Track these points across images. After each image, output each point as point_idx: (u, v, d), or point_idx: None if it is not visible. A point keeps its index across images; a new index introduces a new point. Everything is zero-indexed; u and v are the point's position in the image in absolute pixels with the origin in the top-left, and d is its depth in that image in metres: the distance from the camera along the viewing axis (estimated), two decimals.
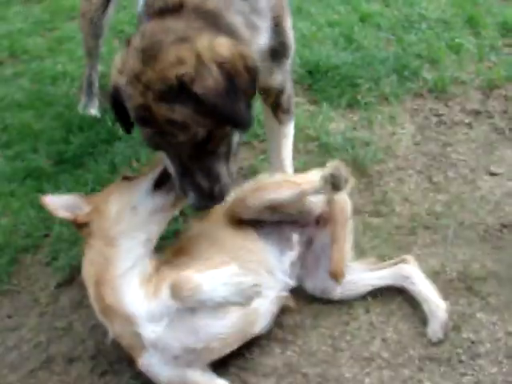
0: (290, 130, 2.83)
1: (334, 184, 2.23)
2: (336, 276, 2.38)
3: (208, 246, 2.30)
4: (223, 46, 1.89)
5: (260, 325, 2.27)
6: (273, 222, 2.44)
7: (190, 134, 1.93)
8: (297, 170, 2.82)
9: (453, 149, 3.24)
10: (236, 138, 2.11)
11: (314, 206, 2.49)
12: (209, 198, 2.09)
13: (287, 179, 2.51)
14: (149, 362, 2.10)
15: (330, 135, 3.26)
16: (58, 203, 2.19)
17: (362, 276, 2.50)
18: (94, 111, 3.60)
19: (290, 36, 2.37)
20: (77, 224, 2.20)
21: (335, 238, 2.45)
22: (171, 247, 2.38)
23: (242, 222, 2.41)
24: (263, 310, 2.26)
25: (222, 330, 2.13)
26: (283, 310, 2.46)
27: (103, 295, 2.09)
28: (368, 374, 2.26)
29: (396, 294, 2.52)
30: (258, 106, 2.85)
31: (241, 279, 1.99)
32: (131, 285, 2.09)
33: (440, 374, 2.25)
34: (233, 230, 2.39)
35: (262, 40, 2.19)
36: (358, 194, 2.97)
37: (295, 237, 2.47)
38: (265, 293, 2.18)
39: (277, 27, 2.26)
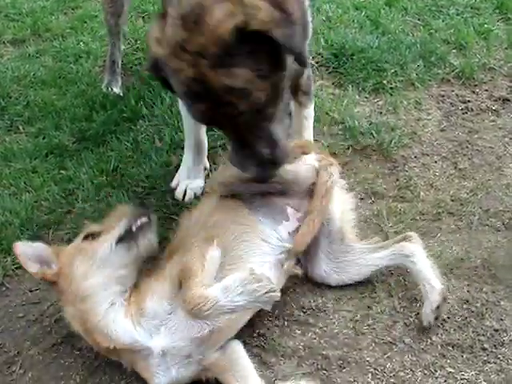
0: (310, 111, 2.81)
1: None
2: (295, 246, 2.31)
3: (198, 231, 2.27)
4: None
5: None
6: (263, 195, 2.37)
7: (251, 101, 1.83)
8: None
9: (479, 136, 3.19)
10: (288, 95, 2.05)
11: (300, 176, 2.41)
12: (272, 165, 2.03)
13: None
14: (164, 380, 2.08)
15: (355, 119, 3.22)
16: (30, 252, 2.15)
17: (364, 257, 2.45)
18: (116, 89, 3.58)
19: (308, 15, 2.17)
20: (45, 280, 2.18)
21: (309, 210, 2.36)
22: (169, 245, 2.36)
23: (232, 201, 2.38)
24: None
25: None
26: (304, 293, 2.45)
27: (98, 341, 2.09)
28: (389, 358, 2.25)
29: None
30: None
31: (254, 286, 1.93)
32: (116, 320, 2.07)
33: (462, 360, 2.23)
34: (223, 210, 2.35)
35: None
36: (383, 178, 2.94)
37: (290, 209, 2.39)
38: (261, 259, 2.22)
39: None
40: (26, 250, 2.15)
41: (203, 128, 2.79)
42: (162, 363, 2.07)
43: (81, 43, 4.08)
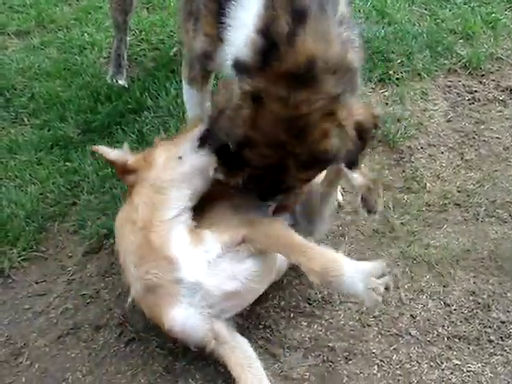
0: None
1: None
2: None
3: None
4: (360, 112, 1.99)
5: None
6: None
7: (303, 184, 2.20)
8: None
9: (486, 126, 3.17)
10: None
11: None
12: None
13: None
14: (183, 313, 2.07)
15: None
16: (108, 151, 2.29)
17: None
18: (121, 81, 3.56)
19: None
20: (123, 171, 2.25)
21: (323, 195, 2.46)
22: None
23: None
24: None
25: (255, 268, 2.14)
26: (310, 285, 2.45)
27: (150, 239, 2.10)
28: (396, 350, 2.25)
29: (425, 271, 2.49)
30: None
31: (377, 283, 1.97)
32: (179, 230, 2.13)
33: (468, 352, 2.24)
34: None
35: None
36: (389, 169, 2.94)
37: None
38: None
39: None
40: (105, 149, 2.32)
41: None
42: (188, 295, 2.07)
43: (85, 34, 4.05)
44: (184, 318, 2.08)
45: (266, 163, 2.03)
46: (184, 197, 2.20)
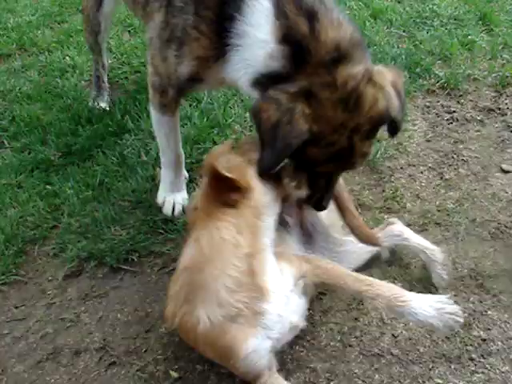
0: None
1: None
2: (370, 240, 2.47)
3: None
4: (386, 72, 2.17)
5: None
6: None
7: (365, 162, 2.36)
8: None
9: (464, 146, 3.21)
10: None
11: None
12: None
13: None
14: (260, 345, 2.03)
15: None
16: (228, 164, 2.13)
17: (358, 245, 2.51)
18: (103, 104, 3.58)
19: None
20: (230, 186, 2.10)
21: (347, 212, 2.49)
22: None
23: None
24: None
25: (307, 303, 2.20)
26: None
27: (253, 268, 2.03)
28: (377, 370, 2.24)
29: (407, 290, 2.49)
30: None
31: (445, 306, 2.07)
32: (272, 261, 2.11)
33: (450, 371, 2.23)
34: None
35: None
36: (369, 190, 2.95)
37: (288, 218, 2.42)
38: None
39: None
40: (224, 162, 2.11)
41: (180, 143, 2.78)
42: (268, 328, 2.04)
43: (67, 57, 4.08)
44: (259, 349, 2.03)
45: (334, 151, 2.12)
46: (272, 225, 2.17)
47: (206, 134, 3.23)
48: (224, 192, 2.09)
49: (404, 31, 4.08)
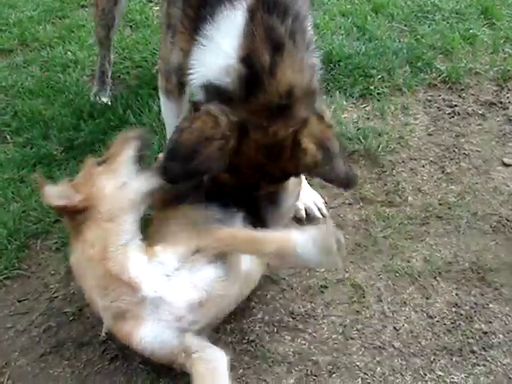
0: None
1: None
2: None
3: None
4: (315, 127, 2.06)
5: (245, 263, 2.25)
6: None
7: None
8: None
9: (466, 140, 3.22)
10: None
11: None
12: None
13: None
14: (151, 330, 2.05)
15: (343, 125, 3.23)
16: (55, 193, 2.18)
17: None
18: (105, 99, 3.57)
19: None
20: (71, 212, 2.17)
21: None
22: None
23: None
24: None
25: (216, 274, 2.13)
26: (293, 299, 2.45)
27: (108, 268, 2.08)
28: (379, 362, 2.25)
29: (408, 284, 2.51)
30: None
31: (328, 243, 2.01)
32: (133, 253, 2.12)
33: (452, 364, 2.24)
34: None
35: None
36: (371, 183, 2.95)
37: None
38: None
39: None
40: (52, 191, 2.18)
41: None
42: (152, 312, 2.05)
43: (68, 52, 4.07)
44: (152, 334, 2.05)
45: (242, 183, 2.15)
46: (135, 220, 2.18)
47: None
48: (73, 216, 2.18)
49: (405, 25, 4.07)
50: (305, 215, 2.74)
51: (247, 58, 1.97)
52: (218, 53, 2.04)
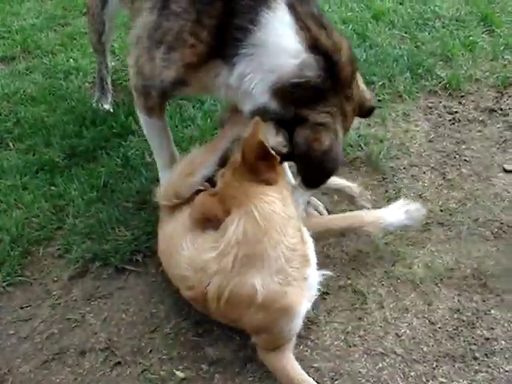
0: None
1: None
2: None
3: None
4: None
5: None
6: None
7: None
8: None
9: (467, 146, 3.23)
10: None
11: None
12: None
13: None
14: (306, 307, 2.17)
15: None
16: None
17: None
18: (107, 106, 3.58)
19: None
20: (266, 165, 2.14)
21: None
22: None
23: None
24: None
25: None
26: None
27: (303, 236, 2.21)
28: (381, 369, 2.25)
29: (410, 290, 2.51)
30: None
31: (408, 206, 2.56)
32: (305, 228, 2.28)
33: (454, 370, 2.24)
34: None
35: None
36: (372, 190, 2.96)
37: None
38: None
39: None
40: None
41: (172, 142, 2.74)
42: (309, 291, 2.21)
43: (70, 60, 4.08)
44: (304, 311, 2.18)
45: None
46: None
47: (209, 136, 3.24)
48: (260, 171, 2.14)
49: (406, 32, 4.09)
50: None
51: (316, 48, 2.10)
52: (279, 54, 2.11)
